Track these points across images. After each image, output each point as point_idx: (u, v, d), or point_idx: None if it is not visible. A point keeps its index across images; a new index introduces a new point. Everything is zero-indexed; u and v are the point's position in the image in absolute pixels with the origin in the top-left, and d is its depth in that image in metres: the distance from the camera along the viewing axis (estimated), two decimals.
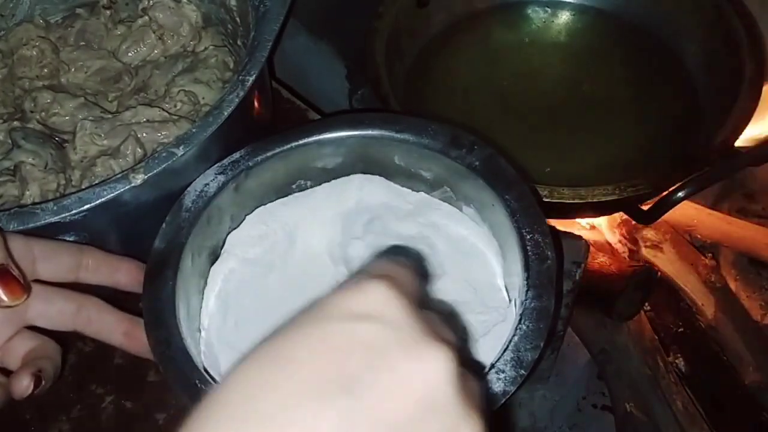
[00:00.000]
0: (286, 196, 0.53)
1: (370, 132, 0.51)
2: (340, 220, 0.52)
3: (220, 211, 0.49)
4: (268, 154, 0.50)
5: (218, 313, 0.48)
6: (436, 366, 0.24)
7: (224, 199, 0.49)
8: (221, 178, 0.49)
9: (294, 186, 0.53)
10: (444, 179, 0.51)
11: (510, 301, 0.46)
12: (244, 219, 0.52)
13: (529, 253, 0.43)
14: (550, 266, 0.43)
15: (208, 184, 0.48)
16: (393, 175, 0.53)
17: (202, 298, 0.48)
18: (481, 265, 0.49)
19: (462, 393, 0.24)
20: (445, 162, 0.49)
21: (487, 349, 0.43)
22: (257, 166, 0.50)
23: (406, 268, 0.29)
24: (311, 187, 0.53)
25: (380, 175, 0.53)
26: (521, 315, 0.41)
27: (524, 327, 0.40)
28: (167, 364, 0.41)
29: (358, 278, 0.26)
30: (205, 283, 0.49)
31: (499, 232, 0.48)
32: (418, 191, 0.52)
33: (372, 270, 0.27)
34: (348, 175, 0.53)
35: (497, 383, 0.38)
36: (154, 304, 0.43)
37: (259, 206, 0.52)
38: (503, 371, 0.39)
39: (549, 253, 0.43)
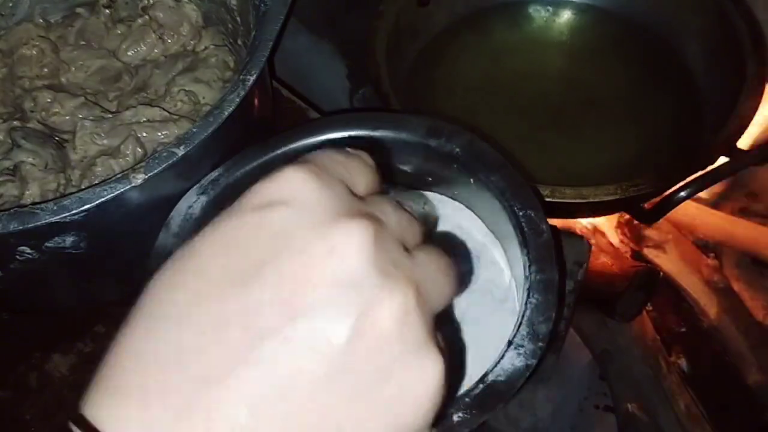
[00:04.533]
0: None
1: (347, 133, 0.50)
2: None
3: None
4: (247, 168, 0.49)
5: None
6: (348, 241, 0.22)
7: (211, 218, 0.48)
8: (204, 198, 0.48)
9: None
10: (427, 170, 0.50)
11: (509, 281, 0.46)
12: None
13: (525, 228, 0.43)
14: (546, 239, 0.43)
15: (191, 206, 0.47)
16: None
17: None
18: (478, 249, 0.49)
19: (381, 266, 0.22)
20: (425, 153, 0.49)
21: (495, 328, 0.43)
22: (238, 182, 0.48)
23: (350, 157, 0.26)
24: None
25: None
26: (528, 289, 0.41)
27: (534, 300, 0.40)
28: None
29: (279, 168, 0.24)
30: None
31: (491, 214, 0.48)
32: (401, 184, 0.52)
33: (301, 159, 0.25)
34: None
35: (518, 359, 0.38)
36: None
37: None
38: (522, 345, 0.38)
39: (544, 226, 0.43)
